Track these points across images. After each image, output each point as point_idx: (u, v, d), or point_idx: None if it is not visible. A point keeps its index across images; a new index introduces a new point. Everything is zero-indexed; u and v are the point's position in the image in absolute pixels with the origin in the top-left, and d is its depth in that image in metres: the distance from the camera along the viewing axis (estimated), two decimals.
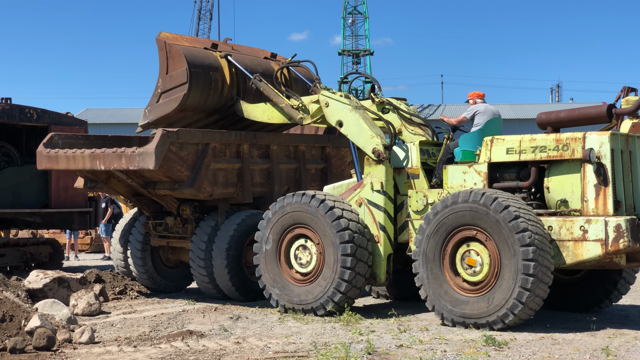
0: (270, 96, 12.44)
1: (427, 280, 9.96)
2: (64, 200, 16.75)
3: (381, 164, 11.04)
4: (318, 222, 10.84)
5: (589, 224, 9.36)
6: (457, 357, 8.04)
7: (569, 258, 9.48)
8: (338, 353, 8.15)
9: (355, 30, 67.91)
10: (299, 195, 11.12)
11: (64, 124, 16.64)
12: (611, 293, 10.98)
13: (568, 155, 9.77)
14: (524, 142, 10.08)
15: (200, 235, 12.41)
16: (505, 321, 9.35)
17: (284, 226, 11.16)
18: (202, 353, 8.42)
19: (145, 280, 13.57)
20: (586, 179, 9.65)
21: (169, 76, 12.50)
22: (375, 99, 11.95)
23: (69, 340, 9.05)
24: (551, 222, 9.60)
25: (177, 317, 10.87)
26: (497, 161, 10.27)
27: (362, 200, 11.15)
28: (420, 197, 10.70)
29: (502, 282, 9.40)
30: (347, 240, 10.61)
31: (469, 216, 9.67)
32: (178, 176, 11.81)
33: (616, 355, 8.16)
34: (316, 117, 11.98)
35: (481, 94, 11.31)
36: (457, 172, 10.52)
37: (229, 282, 12.25)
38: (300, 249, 11.13)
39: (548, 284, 9.40)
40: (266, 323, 10.33)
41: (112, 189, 12.94)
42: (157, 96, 12.64)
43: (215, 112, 13.06)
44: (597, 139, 9.67)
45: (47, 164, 12.78)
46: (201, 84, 12.47)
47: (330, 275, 10.70)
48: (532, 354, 8.24)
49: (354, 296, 10.90)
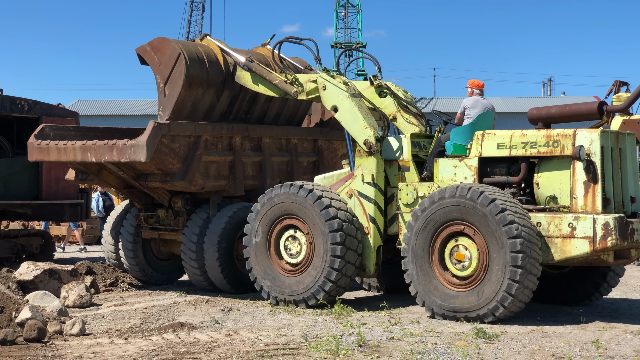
0: (263, 75, 12.31)
1: (417, 276, 9.98)
2: (55, 192, 16.69)
3: (372, 156, 11.05)
4: (307, 211, 10.86)
5: (578, 221, 9.38)
6: (448, 350, 8.07)
7: (557, 254, 9.51)
8: (329, 345, 8.16)
9: (348, 23, 67.90)
10: (286, 186, 11.14)
11: (55, 116, 16.56)
12: (601, 286, 11.03)
13: (558, 151, 9.80)
14: (514, 137, 10.10)
15: (192, 228, 12.40)
16: (495, 314, 9.38)
17: (273, 217, 11.17)
18: (193, 345, 8.42)
19: (137, 273, 13.55)
20: (575, 176, 9.69)
21: (162, 65, 12.30)
22: (374, 81, 11.85)
23: (60, 332, 9.04)
24: (540, 218, 9.62)
25: (169, 309, 10.86)
26: (488, 156, 10.29)
27: (353, 191, 11.16)
28: (411, 190, 10.71)
29: (491, 275, 9.44)
30: (337, 228, 10.63)
31: (456, 211, 9.70)
32: (170, 168, 11.78)
33: (606, 348, 8.20)
34: (312, 95, 11.88)
35: (480, 85, 11.20)
36: (447, 165, 10.54)
37: (220, 275, 12.25)
38: (289, 240, 11.15)
39: (537, 275, 9.44)
40: (257, 315, 10.34)
41: (103, 181, 12.91)
42: (162, 91, 12.36)
43: (224, 87, 12.74)
44: (587, 136, 9.69)
45: (38, 155, 12.73)
46: (194, 53, 12.28)
47: (321, 265, 10.73)
48: (522, 347, 8.27)
49: (344, 285, 10.92)
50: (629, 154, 10.20)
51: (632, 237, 9.41)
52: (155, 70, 12.42)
